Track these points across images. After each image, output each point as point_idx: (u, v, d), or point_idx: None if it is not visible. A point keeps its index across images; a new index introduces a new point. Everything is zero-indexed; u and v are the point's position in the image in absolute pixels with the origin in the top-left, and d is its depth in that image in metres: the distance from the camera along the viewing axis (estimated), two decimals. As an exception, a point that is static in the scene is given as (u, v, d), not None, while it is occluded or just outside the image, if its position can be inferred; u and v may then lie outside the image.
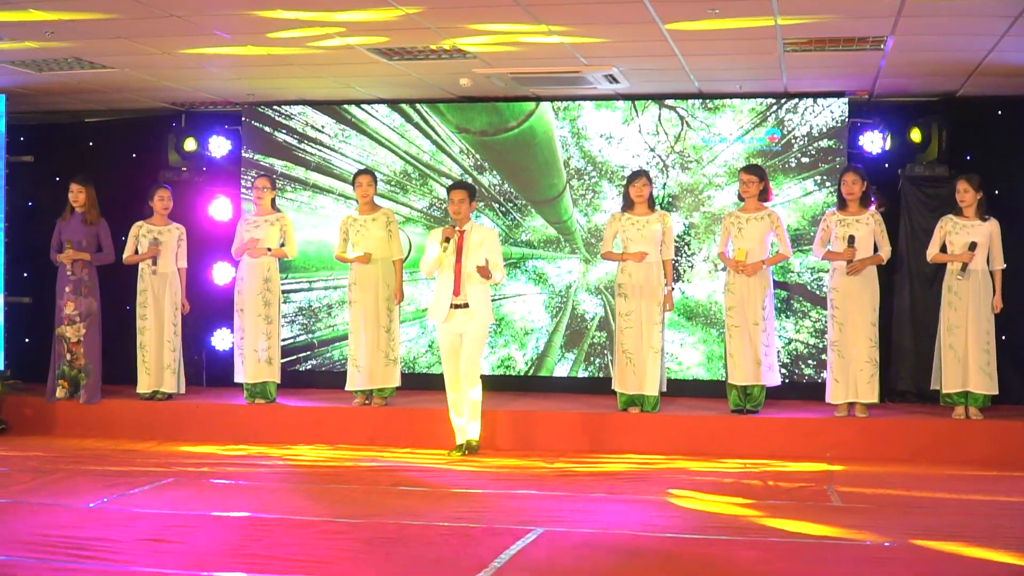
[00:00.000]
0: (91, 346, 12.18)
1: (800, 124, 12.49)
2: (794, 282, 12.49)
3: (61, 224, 12.20)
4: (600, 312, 12.97)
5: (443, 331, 10.75)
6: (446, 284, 10.66)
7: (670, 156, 12.81)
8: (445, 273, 10.68)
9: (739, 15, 9.26)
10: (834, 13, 9.24)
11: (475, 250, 10.58)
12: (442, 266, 10.67)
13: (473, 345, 10.68)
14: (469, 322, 10.61)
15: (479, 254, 10.56)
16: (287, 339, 13.48)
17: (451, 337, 10.70)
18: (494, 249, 10.67)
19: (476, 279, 10.57)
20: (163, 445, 11.44)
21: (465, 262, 10.59)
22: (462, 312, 10.61)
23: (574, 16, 9.49)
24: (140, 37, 10.27)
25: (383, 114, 13.40)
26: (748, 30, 9.73)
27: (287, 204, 13.42)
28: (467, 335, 10.65)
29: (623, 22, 9.57)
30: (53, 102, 13.27)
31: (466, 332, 10.64)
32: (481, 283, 10.61)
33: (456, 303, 10.61)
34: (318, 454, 10.98)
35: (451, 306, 10.62)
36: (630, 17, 9.32)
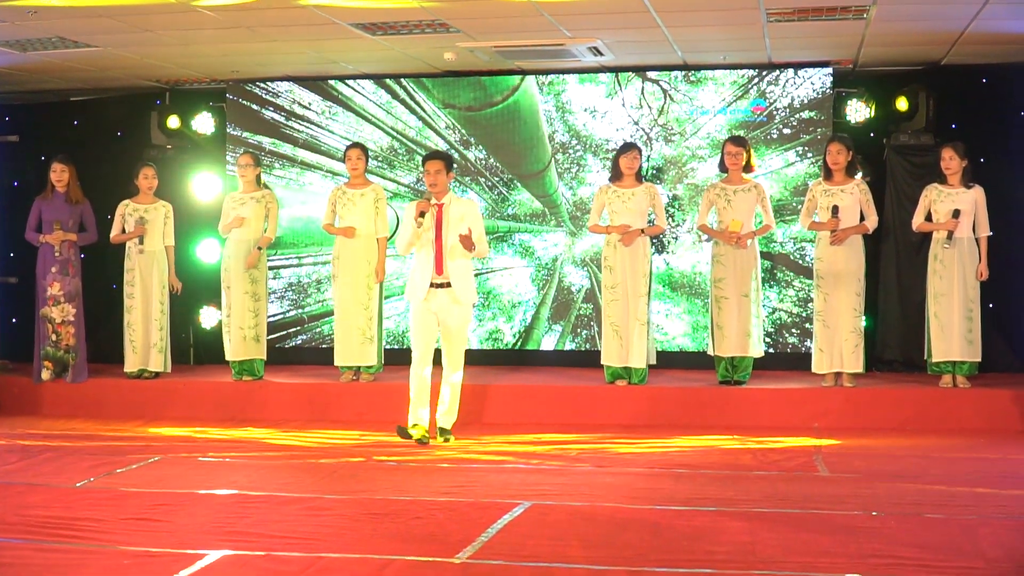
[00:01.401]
0: (78, 326, 12.13)
1: (782, 96, 12.47)
2: (777, 252, 12.48)
3: (41, 203, 12.10)
4: (586, 284, 12.96)
5: (421, 309, 10.00)
6: (425, 261, 9.95)
7: (653, 129, 12.78)
8: (424, 250, 9.97)
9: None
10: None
11: (456, 224, 9.89)
12: (420, 242, 9.99)
13: (458, 331, 10.08)
14: (452, 304, 9.94)
15: (461, 228, 9.88)
16: (277, 315, 13.46)
17: (428, 316, 9.99)
18: (476, 222, 10.01)
19: (459, 254, 9.94)
20: (150, 423, 11.39)
21: (446, 237, 9.90)
22: (444, 291, 9.92)
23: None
24: (123, 16, 10.20)
25: (369, 91, 13.35)
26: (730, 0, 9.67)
27: (276, 181, 13.38)
28: (450, 318, 9.98)
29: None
30: (38, 81, 13.19)
31: (448, 315, 9.97)
32: (464, 259, 9.98)
33: (437, 282, 9.91)
34: (305, 431, 10.94)
35: (431, 285, 9.91)
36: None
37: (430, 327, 10.05)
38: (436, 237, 9.94)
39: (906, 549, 6.52)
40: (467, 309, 10.11)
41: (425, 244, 9.96)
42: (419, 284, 9.98)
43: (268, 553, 6.54)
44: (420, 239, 9.96)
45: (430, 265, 9.93)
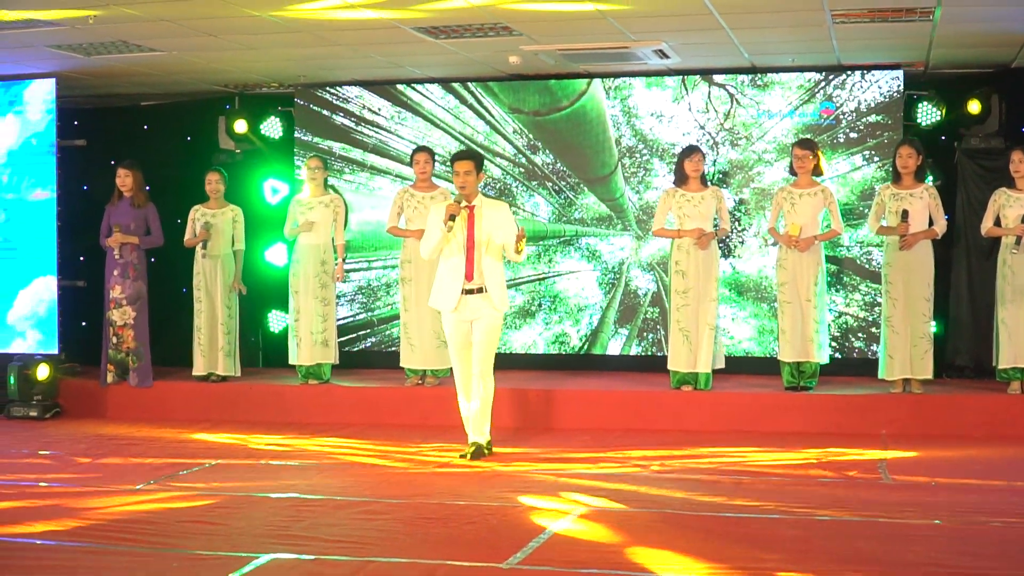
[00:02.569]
0: (140, 329, 12.27)
1: (849, 99, 12.35)
2: (844, 256, 12.37)
3: (110, 209, 12.30)
4: (652, 288, 12.92)
5: (452, 321, 9.54)
6: (455, 267, 9.45)
7: (720, 133, 12.72)
8: (454, 256, 9.46)
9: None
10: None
11: (488, 227, 9.42)
12: (448, 247, 9.48)
13: (488, 336, 9.53)
14: (484, 307, 9.45)
15: (494, 232, 9.42)
16: (346, 318, 13.53)
17: (463, 326, 9.54)
18: (510, 225, 9.44)
19: (492, 259, 9.46)
20: (215, 427, 11.49)
21: (479, 241, 9.40)
22: (476, 298, 9.43)
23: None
24: (185, 20, 10.27)
25: (438, 96, 13.40)
26: (794, 2, 9.60)
27: (345, 186, 13.46)
28: (481, 324, 9.49)
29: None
30: (105, 86, 13.34)
31: (479, 320, 9.48)
32: (496, 263, 9.50)
33: (469, 288, 9.40)
34: (368, 435, 10.96)
35: (463, 291, 9.41)
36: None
37: (465, 336, 9.58)
38: (468, 239, 9.44)
39: (962, 558, 6.45)
40: (498, 315, 9.58)
41: (454, 249, 9.46)
42: (449, 292, 9.48)
43: (318, 557, 6.57)
44: (448, 244, 9.47)
45: (460, 271, 9.43)
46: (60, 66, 12.21)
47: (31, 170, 12.78)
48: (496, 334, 9.67)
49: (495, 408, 9.84)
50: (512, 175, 13.27)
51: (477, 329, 9.52)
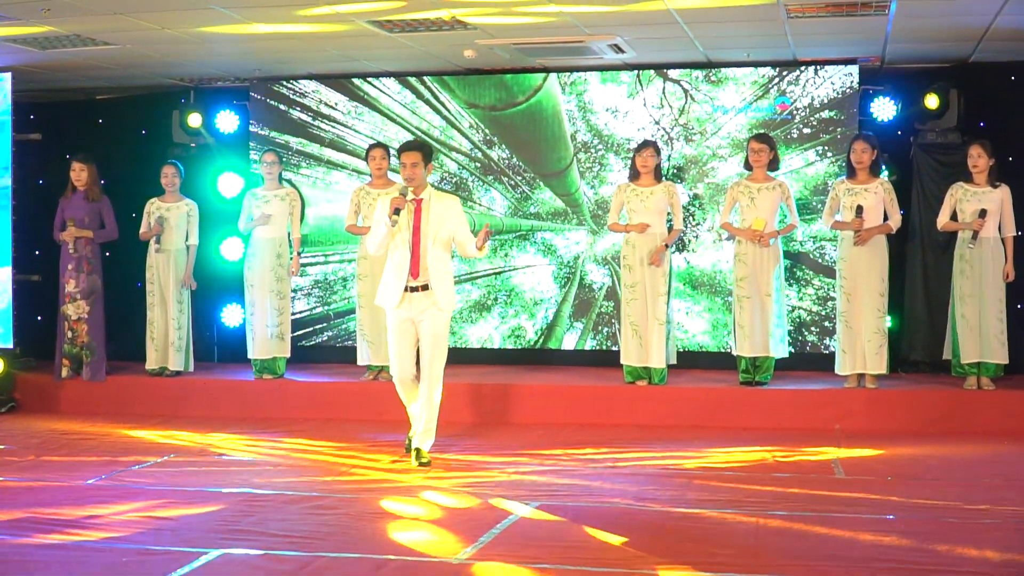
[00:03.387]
0: (94, 323, 12.13)
1: (802, 95, 12.33)
2: (797, 251, 12.35)
3: (63, 202, 12.16)
4: (608, 282, 12.88)
5: (395, 318, 9.03)
6: (400, 263, 8.97)
7: (675, 128, 12.68)
8: (398, 250, 8.98)
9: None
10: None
11: (436, 223, 8.96)
12: (394, 242, 8.99)
13: (436, 340, 9.03)
14: (429, 307, 8.97)
15: (442, 228, 8.99)
16: (303, 311, 13.45)
17: (406, 325, 9.03)
18: (461, 221, 9.09)
19: (439, 256, 9.01)
20: (168, 422, 11.35)
21: (425, 237, 8.93)
22: (420, 295, 8.94)
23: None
24: (137, 13, 10.16)
25: (394, 91, 13.32)
26: (748, -3, 9.59)
27: (302, 180, 13.40)
28: (427, 325, 9.00)
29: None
30: (61, 79, 13.20)
31: (424, 321, 9.00)
32: (445, 261, 9.07)
33: (413, 285, 8.92)
34: (322, 430, 10.87)
35: (406, 288, 8.93)
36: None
37: (408, 335, 9.07)
38: (414, 235, 8.95)
39: (914, 554, 6.43)
40: (446, 315, 9.11)
41: (399, 244, 8.97)
42: (392, 288, 8.99)
43: (267, 552, 6.51)
44: (394, 239, 8.97)
45: (405, 267, 8.94)
46: (15, 60, 12.06)
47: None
48: (444, 336, 9.15)
49: (449, 403, 9.74)
50: (468, 170, 13.20)
51: (423, 331, 9.03)
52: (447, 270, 9.11)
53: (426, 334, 9.03)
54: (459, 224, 9.08)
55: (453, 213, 9.07)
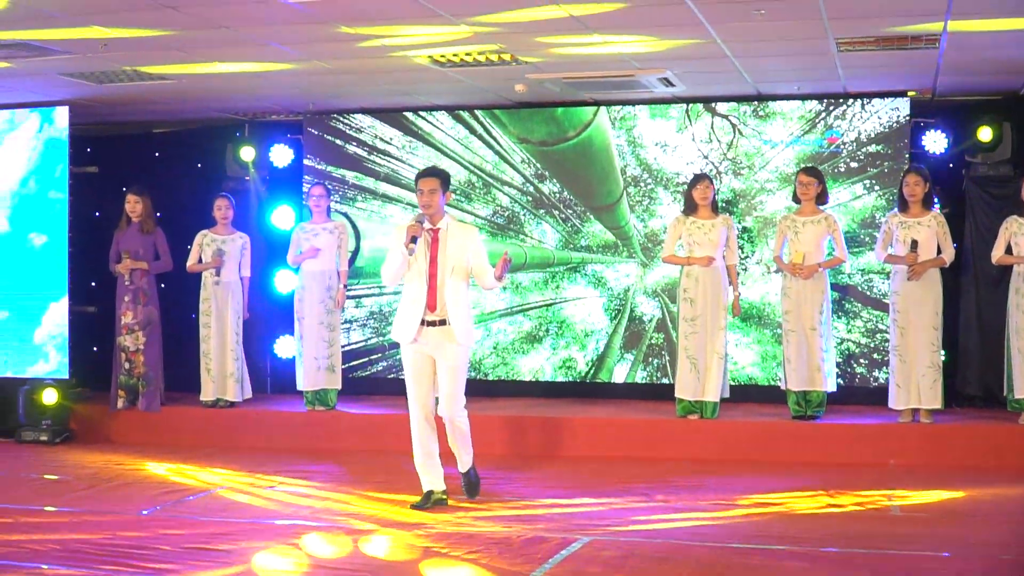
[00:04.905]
0: (151, 354, 12.14)
1: (849, 129, 12.20)
2: (845, 283, 12.20)
3: (118, 234, 12.20)
4: (657, 314, 12.78)
5: (410, 352, 8.57)
6: (416, 295, 8.51)
7: (723, 162, 12.59)
8: (414, 282, 8.53)
9: (786, 16, 8.97)
10: (883, 13, 8.94)
11: (454, 253, 8.50)
12: (409, 272, 8.55)
13: (454, 376, 8.55)
14: (446, 343, 8.49)
15: (460, 258, 8.53)
16: (358, 342, 13.41)
17: (423, 360, 8.57)
18: (479, 251, 8.62)
19: (457, 288, 8.53)
20: (222, 453, 11.32)
21: (442, 268, 8.48)
22: (437, 330, 8.47)
23: (625, 24, 9.27)
24: (193, 50, 10.17)
25: (447, 125, 13.31)
26: (798, 30, 9.46)
27: (358, 213, 13.41)
28: (444, 361, 8.54)
29: (670, 25, 9.32)
30: (117, 113, 13.26)
31: (442, 356, 8.54)
32: (463, 293, 8.59)
33: (429, 319, 8.47)
34: (373, 461, 10.79)
35: (422, 323, 8.47)
36: (677, 20, 9.07)
37: (425, 371, 8.60)
38: (430, 266, 8.50)
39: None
40: (464, 350, 8.61)
41: (415, 275, 8.52)
42: (408, 322, 8.52)
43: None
44: (410, 269, 8.52)
45: (422, 300, 8.48)
46: (72, 94, 12.11)
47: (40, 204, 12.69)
48: (463, 371, 8.65)
49: (498, 436, 9.69)
50: (520, 203, 13.15)
51: (441, 368, 8.55)
52: (465, 303, 8.62)
53: (444, 368, 8.55)
54: (477, 254, 8.60)
55: (471, 242, 8.60)
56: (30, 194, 12.61)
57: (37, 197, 12.59)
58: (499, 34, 9.59)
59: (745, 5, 8.64)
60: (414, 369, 8.57)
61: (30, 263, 12.65)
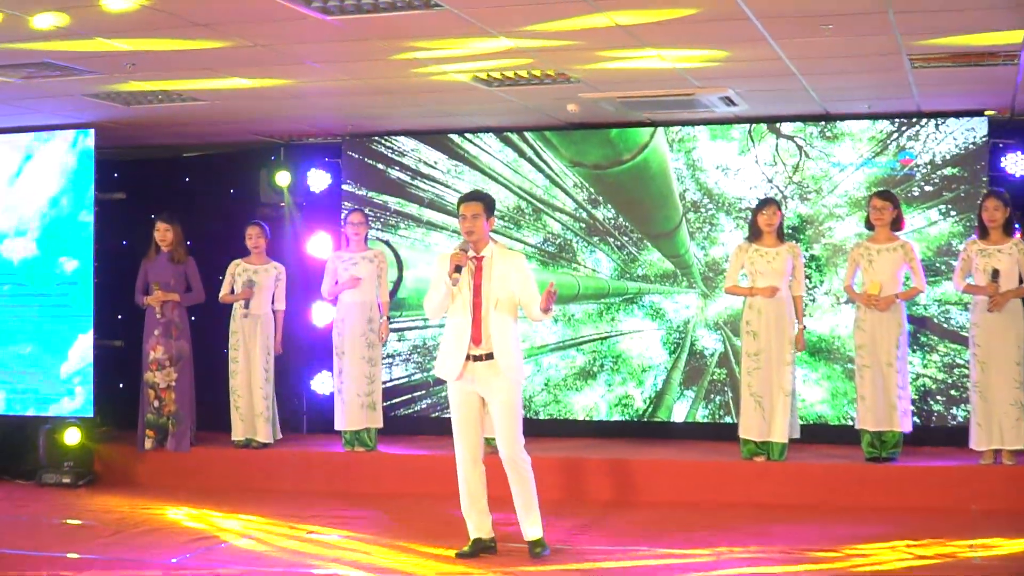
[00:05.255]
0: (182, 392, 12.16)
1: (923, 151, 12.12)
2: (920, 315, 12.10)
3: (146, 264, 12.23)
4: (720, 348, 12.74)
5: (457, 390, 8.47)
6: (460, 328, 8.41)
7: (788, 187, 12.55)
8: (458, 314, 8.45)
9: (855, 32, 8.93)
10: (958, 27, 8.88)
11: (499, 282, 8.39)
12: (453, 304, 8.48)
13: (509, 409, 8.40)
14: (494, 378, 8.37)
15: (505, 288, 8.41)
16: (401, 378, 13.42)
17: (470, 399, 8.45)
18: (526, 279, 8.47)
19: (504, 320, 8.41)
20: (256, 496, 11.32)
21: (487, 298, 8.38)
22: (484, 365, 8.37)
23: (681, 37, 9.24)
24: (227, 68, 10.20)
25: (495, 148, 13.32)
26: (868, 46, 9.43)
27: (400, 241, 13.43)
28: (494, 399, 8.40)
29: (732, 41, 9.30)
30: (146, 137, 13.33)
31: (491, 393, 8.40)
32: (510, 325, 8.47)
33: (475, 353, 8.37)
34: (416, 506, 10.75)
35: (467, 357, 8.38)
36: (739, 36, 9.04)
37: (472, 410, 8.48)
38: (474, 296, 8.40)
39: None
40: (514, 385, 8.47)
41: (459, 308, 8.43)
42: (453, 358, 8.43)
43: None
44: (454, 301, 8.44)
45: (466, 333, 8.37)
46: (98, 116, 12.17)
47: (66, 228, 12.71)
48: (517, 407, 8.48)
49: (552, 479, 9.59)
50: (573, 230, 13.13)
51: (493, 406, 8.43)
52: (513, 336, 8.50)
53: (496, 404, 8.41)
54: (524, 283, 8.45)
55: (517, 270, 8.48)
56: (61, 215, 12.59)
57: (69, 219, 12.57)
58: (546, 50, 9.56)
59: (812, 19, 8.59)
60: (460, 408, 8.47)
61: (59, 289, 12.63)
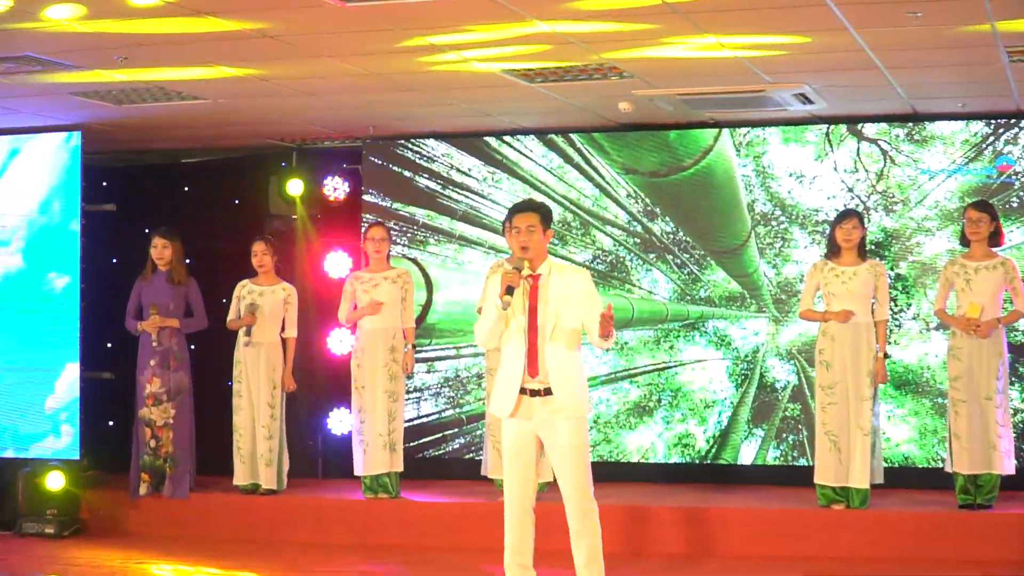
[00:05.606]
0: (180, 430, 12.20)
1: (1023, 156, 12.18)
2: (1020, 342, 12.13)
3: (141, 284, 12.27)
4: (794, 381, 12.80)
5: (511, 429, 8.12)
6: (514, 359, 8.05)
7: (871, 197, 12.62)
8: (512, 343, 8.09)
9: (947, 20, 9.01)
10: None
11: (558, 304, 8.03)
12: (507, 330, 8.13)
13: (575, 452, 8.02)
14: (554, 416, 8.00)
15: (565, 311, 8.05)
16: (431, 415, 13.52)
17: (523, 437, 8.09)
18: (592, 301, 8.08)
19: (563, 348, 8.05)
20: (263, 549, 11.43)
21: (543, 323, 8.03)
22: (541, 401, 8.00)
23: (745, 23, 9.31)
24: (233, 62, 10.33)
25: (538, 153, 13.42)
26: (962, 37, 9.50)
27: (429, 259, 13.53)
28: (555, 440, 8.03)
29: (808, 30, 9.39)
30: (139, 140, 13.43)
31: (551, 434, 8.03)
32: (571, 354, 8.10)
33: (531, 387, 8.00)
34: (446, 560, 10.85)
35: (522, 391, 8.02)
36: (815, 24, 9.12)
37: (527, 452, 8.12)
38: (529, 323, 8.06)
39: None
40: (579, 423, 8.09)
41: (513, 335, 8.09)
42: (506, 392, 8.09)
43: None
44: (508, 327, 8.11)
45: (520, 364, 8.02)
46: (87, 117, 12.29)
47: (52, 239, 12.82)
48: (584, 450, 8.11)
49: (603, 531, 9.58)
50: (626, 246, 13.22)
51: (554, 445, 8.06)
52: (575, 366, 8.14)
53: (560, 446, 8.05)
54: (589, 305, 8.07)
55: (580, 291, 8.11)
56: (51, 224, 12.70)
57: (59, 228, 12.67)
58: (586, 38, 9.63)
59: (898, 6, 8.67)
60: (513, 448, 8.13)
61: (47, 310, 12.71)
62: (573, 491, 8.03)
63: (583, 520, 8.07)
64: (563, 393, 7.95)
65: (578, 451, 8.02)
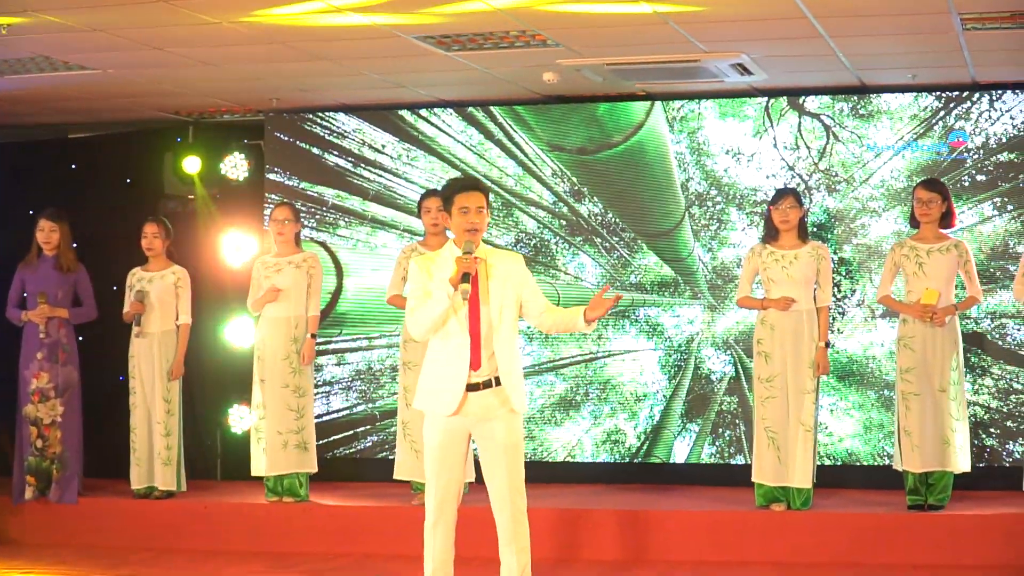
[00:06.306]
0: (69, 429, 12.13)
1: (976, 132, 12.23)
2: (971, 330, 12.19)
3: (24, 271, 12.20)
4: (730, 372, 12.88)
5: (443, 427, 7.92)
6: (456, 352, 7.86)
7: (813, 175, 12.67)
8: (454, 336, 7.89)
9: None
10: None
11: (501, 290, 7.94)
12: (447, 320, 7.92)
13: (512, 455, 7.90)
14: (498, 411, 7.89)
15: (507, 297, 7.95)
16: (341, 411, 13.48)
17: (455, 435, 7.92)
18: (529, 281, 8.04)
19: (507, 338, 7.93)
20: (159, 557, 11.38)
21: (490, 312, 7.91)
22: (484, 395, 7.85)
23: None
24: (123, 28, 10.20)
25: (457, 129, 13.42)
26: (910, 2, 9.52)
27: (339, 242, 13.50)
28: (494, 438, 7.90)
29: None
30: (22, 114, 13.33)
31: (490, 432, 7.91)
32: (513, 344, 7.99)
33: (475, 381, 7.83)
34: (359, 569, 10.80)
35: (468, 387, 7.84)
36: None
37: (458, 453, 7.97)
38: (472, 309, 7.91)
39: None
40: (519, 421, 8.01)
41: (453, 324, 7.91)
42: (448, 388, 7.87)
43: None
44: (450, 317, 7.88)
45: (463, 357, 7.83)
46: (-37, 89, 12.21)
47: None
48: (521, 446, 8.03)
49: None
50: (551, 229, 13.23)
51: (488, 448, 7.95)
52: (518, 356, 8.10)
53: (494, 448, 7.92)
54: (532, 287, 8.07)
55: (520, 275, 8.05)
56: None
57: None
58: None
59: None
60: (443, 447, 7.94)
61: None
62: (508, 492, 7.90)
63: (515, 526, 7.95)
64: (511, 384, 7.87)
65: (516, 449, 7.94)
